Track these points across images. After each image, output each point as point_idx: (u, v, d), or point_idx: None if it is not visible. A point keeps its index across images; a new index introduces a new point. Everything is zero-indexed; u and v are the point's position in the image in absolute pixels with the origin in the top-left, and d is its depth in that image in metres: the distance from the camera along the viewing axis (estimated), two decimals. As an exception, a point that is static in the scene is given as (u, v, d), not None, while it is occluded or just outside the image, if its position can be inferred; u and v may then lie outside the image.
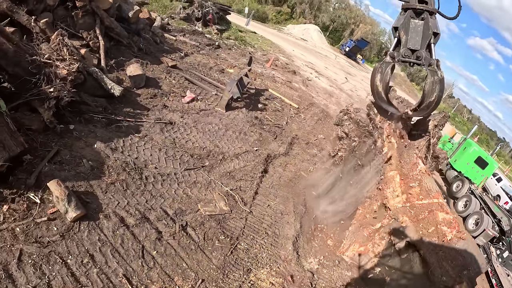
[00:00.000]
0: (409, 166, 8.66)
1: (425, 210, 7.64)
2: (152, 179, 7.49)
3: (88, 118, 8.36)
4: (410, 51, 5.84)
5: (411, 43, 5.75)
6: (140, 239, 6.05)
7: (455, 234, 7.07)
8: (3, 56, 6.94)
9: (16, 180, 5.93)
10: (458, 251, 6.91)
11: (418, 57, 5.77)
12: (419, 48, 5.82)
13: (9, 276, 4.62)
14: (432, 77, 5.80)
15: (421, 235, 7.27)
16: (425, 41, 5.68)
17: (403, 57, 5.92)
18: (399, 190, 8.30)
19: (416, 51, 5.83)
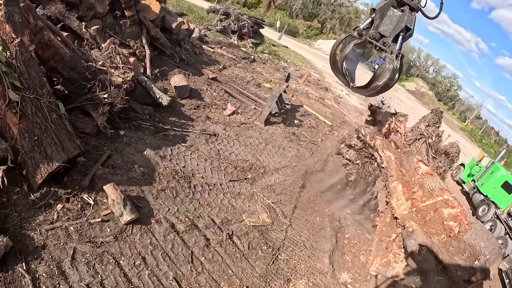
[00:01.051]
0: (411, 172, 8.75)
1: (430, 211, 7.74)
2: (200, 188, 7.62)
3: (137, 125, 8.57)
4: (379, 35, 5.76)
5: (383, 28, 5.65)
6: (190, 245, 6.15)
7: (462, 226, 7.09)
8: (59, 60, 7.14)
9: (71, 181, 6.07)
10: (466, 242, 6.95)
11: (385, 43, 5.67)
12: (388, 35, 5.74)
13: (62, 273, 4.70)
14: (388, 64, 5.70)
15: (430, 235, 7.35)
16: (395, 31, 5.59)
17: (370, 38, 5.83)
18: (403, 198, 8.42)
19: (384, 37, 5.74)
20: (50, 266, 4.71)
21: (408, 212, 8.02)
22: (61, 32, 8.11)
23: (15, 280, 4.35)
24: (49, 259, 4.79)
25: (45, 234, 5.07)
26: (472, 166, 21.87)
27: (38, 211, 5.33)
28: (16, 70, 5.50)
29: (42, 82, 6.09)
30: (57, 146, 5.83)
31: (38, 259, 4.72)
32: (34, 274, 4.52)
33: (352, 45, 6.44)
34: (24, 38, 5.75)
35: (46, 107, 5.89)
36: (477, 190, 19.52)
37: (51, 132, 5.83)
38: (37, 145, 5.62)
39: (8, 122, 5.49)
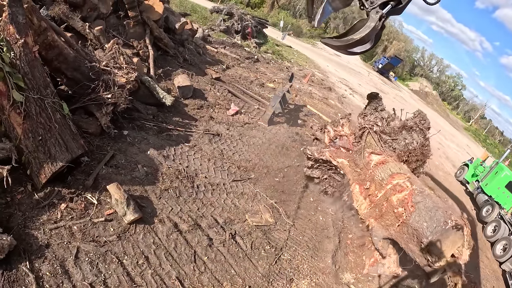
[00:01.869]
0: (364, 168, 8.66)
1: (383, 202, 7.58)
2: (203, 188, 7.64)
3: (140, 125, 8.60)
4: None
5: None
6: (193, 244, 6.17)
7: (407, 210, 6.99)
8: (63, 61, 7.19)
9: (75, 181, 6.11)
10: (412, 227, 6.75)
11: (372, 2, 5.31)
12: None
13: (65, 272, 4.72)
14: (369, 22, 5.27)
15: (387, 227, 7.25)
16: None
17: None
18: (361, 198, 8.27)
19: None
20: (53, 265, 4.74)
21: (368, 210, 7.92)
22: (65, 33, 8.14)
23: (19, 278, 4.38)
24: (53, 258, 4.81)
25: (49, 233, 5.10)
26: (476, 166, 21.79)
27: (42, 211, 5.36)
28: (20, 71, 5.54)
29: (46, 83, 6.12)
30: (61, 146, 5.85)
31: (42, 258, 4.74)
32: (38, 273, 4.54)
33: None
34: (28, 39, 5.78)
35: (50, 107, 5.92)
36: (481, 191, 19.43)
37: (55, 132, 5.85)
38: (41, 145, 5.64)
39: (13, 122, 5.54)
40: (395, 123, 9.42)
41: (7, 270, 4.38)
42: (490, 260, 13.16)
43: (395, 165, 8.37)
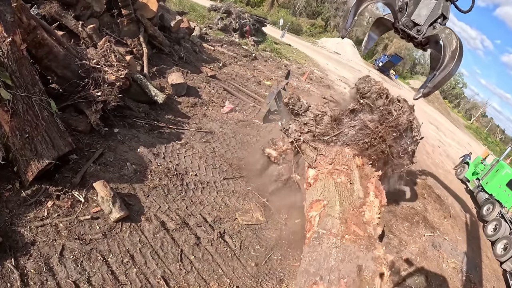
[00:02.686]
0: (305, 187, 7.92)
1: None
2: (193, 186, 7.59)
3: (132, 123, 8.59)
4: (412, 23, 5.58)
5: (417, 16, 5.47)
6: (179, 243, 6.13)
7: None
8: (53, 59, 7.18)
9: (62, 178, 6.10)
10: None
11: (419, 31, 5.49)
12: (422, 23, 5.54)
13: (50, 270, 4.73)
14: (443, 31, 5.41)
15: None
16: (431, 19, 5.39)
17: (403, 25, 5.64)
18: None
19: (418, 25, 5.56)
20: (38, 262, 4.74)
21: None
22: (55, 31, 8.12)
23: (4, 275, 4.39)
24: (38, 255, 4.82)
25: (35, 230, 5.10)
26: (476, 164, 21.62)
27: (28, 208, 5.37)
28: (7, 69, 5.53)
29: (34, 81, 6.11)
30: (48, 143, 5.85)
31: (27, 255, 4.76)
32: (23, 270, 4.56)
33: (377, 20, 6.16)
34: (16, 37, 5.76)
35: (38, 105, 5.91)
36: (481, 189, 19.26)
37: (42, 129, 5.84)
38: (27, 143, 5.64)
39: (0, 120, 5.52)
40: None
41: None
42: (491, 259, 13.06)
43: (321, 186, 7.28)
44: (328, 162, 7.77)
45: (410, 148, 8.61)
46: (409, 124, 7.94)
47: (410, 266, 8.90)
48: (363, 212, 6.63)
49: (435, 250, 10.39)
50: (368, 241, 5.95)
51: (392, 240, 9.47)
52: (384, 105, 7.62)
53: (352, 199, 6.82)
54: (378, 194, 7.24)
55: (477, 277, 10.75)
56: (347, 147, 7.97)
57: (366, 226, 6.31)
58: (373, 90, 7.57)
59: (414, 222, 11.28)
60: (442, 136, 36.28)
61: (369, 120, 7.75)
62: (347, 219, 6.28)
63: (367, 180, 7.51)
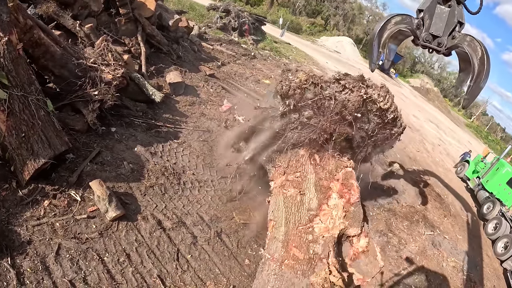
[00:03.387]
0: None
1: None
2: (190, 185, 7.60)
3: (129, 122, 8.59)
4: (432, 37, 5.60)
5: (434, 28, 5.48)
6: (176, 242, 6.15)
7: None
8: (50, 58, 7.22)
9: (59, 177, 6.14)
10: None
11: (440, 43, 5.51)
12: (441, 35, 5.55)
13: (46, 269, 4.77)
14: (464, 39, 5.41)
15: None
16: (449, 29, 5.41)
17: (424, 41, 5.66)
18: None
19: (438, 37, 5.57)
20: (34, 261, 4.78)
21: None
22: (52, 31, 8.10)
23: (0, 274, 4.42)
24: (34, 254, 4.86)
25: (32, 229, 5.14)
26: (477, 163, 21.53)
27: (25, 207, 5.40)
28: (4, 68, 5.55)
29: (31, 80, 6.13)
30: (44, 142, 5.87)
31: (24, 254, 4.80)
32: (19, 269, 4.59)
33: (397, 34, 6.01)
34: (12, 37, 5.77)
35: (34, 105, 5.93)
36: (482, 187, 19.19)
37: (38, 129, 5.87)
38: (24, 142, 5.66)
39: (-4, 120, 5.52)
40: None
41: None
42: (491, 258, 13.00)
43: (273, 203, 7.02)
44: (281, 173, 7.40)
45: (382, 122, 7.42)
46: (364, 98, 6.85)
47: (410, 265, 8.86)
48: (311, 228, 6.44)
49: (435, 249, 10.35)
50: (307, 264, 5.87)
51: (391, 239, 9.45)
52: (316, 95, 6.81)
53: (299, 215, 6.59)
54: (346, 192, 6.88)
55: (478, 276, 10.71)
56: (302, 149, 7.42)
57: (310, 245, 6.18)
58: (294, 85, 6.77)
59: (414, 220, 11.24)
60: (442, 134, 36.19)
61: (306, 117, 7.07)
62: (289, 241, 6.16)
63: (331, 179, 7.07)
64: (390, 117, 7.28)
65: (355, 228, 6.76)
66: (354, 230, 6.77)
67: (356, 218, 6.82)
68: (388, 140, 7.94)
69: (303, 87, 6.82)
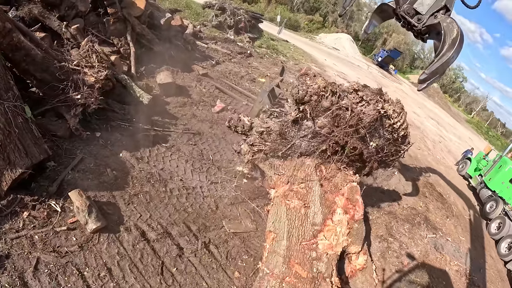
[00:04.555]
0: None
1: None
2: (177, 192, 7.25)
3: (115, 126, 8.30)
4: (414, 11, 5.36)
5: (419, 4, 5.28)
6: (161, 254, 5.84)
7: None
8: (31, 62, 7.03)
9: (38, 187, 5.93)
10: None
11: (419, 20, 5.29)
12: (424, 13, 5.32)
13: (24, 284, 4.60)
14: (445, 20, 5.24)
15: None
16: (433, 9, 5.19)
17: (404, 12, 5.42)
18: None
19: (419, 14, 5.34)
20: (12, 276, 4.64)
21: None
22: (33, 33, 7.83)
23: (-23, 290, 4.26)
24: (12, 269, 4.72)
25: (10, 243, 5.00)
26: (479, 160, 21.27)
27: (4, 219, 5.26)
28: (-23, 75, 5.34)
29: (8, 86, 5.99)
30: (21, 151, 5.69)
31: (1, 269, 4.64)
32: (-4, 285, 4.41)
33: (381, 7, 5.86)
34: (-14, 42, 5.55)
35: (11, 112, 5.75)
36: (484, 185, 18.89)
37: (15, 137, 5.68)
38: (0, 151, 5.44)
39: (-30, 129, 5.32)
40: (273, 133, 7.37)
41: None
42: (495, 259, 12.69)
43: (274, 213, 6.79)
44: (284, 182, 7.15)
45: (392, 138, 7.30)
46: (380, 113, 6.72)
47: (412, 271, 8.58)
48: (315, 244, 6.20)
49: (437, 252, 10.04)
50: (310, 284, 5.62)
51: (392, 244, 9.12)
52: (333, 104, 6.62)
53: (303, 230, 6.34)
54: (350, 208, 6.72)
55: (481, 279, 10.40)
56: (308, 158, 7.21)
57: (314, 263, 5.95)
58: (311, 91, 6.56)
59: (415, 223, 10.93)
60: (442, 130, 36.00)
61: (319, 126, 6.85)
62: (291, 257, 5.90)
63: (336, 193, 6.91)
64: (401, 134, 7.16)
65: (356, 246, 6.59)
66: (356, 247, 6.59)
67: (359, 235, 6.65)
68: (394, 157, 7.74)
69: (321, 94, 6.61)
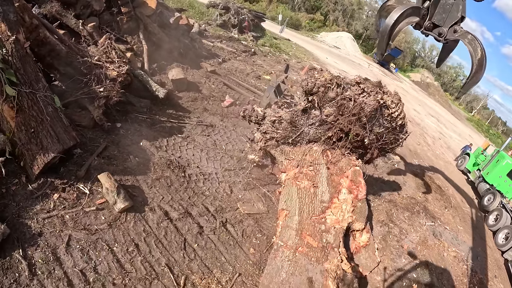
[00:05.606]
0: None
1: None
2: (195, 177, 7.77)
3: (134, 118, 8.77)
4: (432, 25, 5.79)
5: (437, 18, 5.69)
6: (183, 232, 6.30)
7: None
8: (56, 57, 7.41)
9: (67, 172, 6.30)
10: None
11: (440, 33, 5.72)
12: (443, 25, 5.74)
13: (57, 259, 4.90)
14: (465, 36, 5.71)
15: None
16: (451, 21, 5.61)
17: (425, 29, 5.86)
18: None
19: (438, 26, 5.76)
20: (45, 252, 4.91)
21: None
22: (57, 30, 8.27)
23: (12, 266, 4.55)
24: (45, 245, 4.99)
25: (42, 222, 5.28)
26: (477, 156, 21.64)
27: (35, 201, 5.55)
28: (12, 66, 5.71)
29: (38, 77, 6.29)
30: (53, 137, 6.03)
31: (35, 246, 4.93)
32: (30, 260, 4.72)
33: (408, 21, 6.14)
34: (20, 36, 5.94)
35: (42, 101, 6.09)
36: (482, 179, 19.25)
37: (47, 124, 6.03)
38: (33, 137, 5.83)
39: (6, 116, 5.71)
40: (284, 122, 8.02)
41: (0, 258, 4.56)
42: (492, 249, 13.10)
43: (285, 193, 7.35)
44: (294, 166, 7.75)
45: (390, 126, 7.86)
46: (380, 103, 7.31)
47: (411, 255, 9.02)
48: (324, 218, 6.74)
49: (436, 239, 10.45)
50: (321, 252, 6.13)
51: (392, 229, 9.58)
52: (338, 95, 7.26)
53: (312, 206, 6.89)
54: (354, 188, 7.25)
55: (479, 266, 10.81)
56: (315, 144, 7.84)
57: (323, 234, 6.47)
58: (319, 83, 7.22)
59: (415, 211, 11.37)
60: (443, 128, 36.34)
61: (326, 114, 7.45)
62: (303, 230, 6.41)
63: (341, 175, 7.44)
64: (399, 123, 7.72)
65: (360, 223, 7.07)
66: (359, 224, 7.07)
67: (362, 213, 7.16)
68: (393, 145, 8.31)
69: (327, 86, 7.22)
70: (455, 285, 8.88)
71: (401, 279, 7.97)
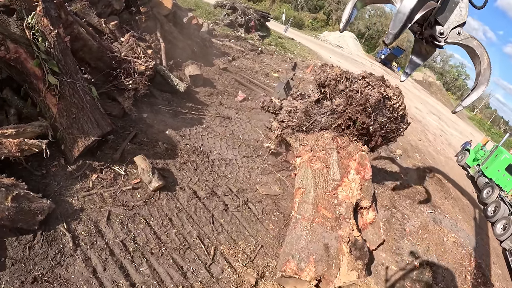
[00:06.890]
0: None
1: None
2: (217, 162, 8.50)
3: (157, 109, 9.46)
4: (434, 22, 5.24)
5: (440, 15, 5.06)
6: (210, 209, 6.99)
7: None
8: (87, 51, 8.05)
9: (103, 155, 6.94)
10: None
11: (441, 33, 5.13)
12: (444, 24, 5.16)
13: (99, 232, 5.48)
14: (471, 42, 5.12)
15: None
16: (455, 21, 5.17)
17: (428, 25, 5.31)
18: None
19: (440, 25, 5.15)
20: (88, 225, 5.49)
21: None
22: (87, 27, 8.91)
23: (56, 238, 5.11)
24: (87, 220, 5.57)
25: (82, 199, 5.87)
26: (477, 151, 22.11)
27: (75, 181, 6.13)
28: (54, 58, 6.34)
29: (76, 69, 6.92)
30: (93, 123, 6.67)
31: (77, 220, 5.50)
32: (74, 233, 5.29)
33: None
34: (60, 30, 6.58)
35: (81, 90, 6.71)
36: (481, 174, 19.73)
37: (87, 111, 6.67)
38: (75, 122, 6.45)
39: (48, 103, 6.34)
40: (299, 111, 8.96)
41: (45, 231, 5.12)
42: (490, 238, 13.64)
43: (301, 174, 8.13)
44: (308, 150, 8.61)
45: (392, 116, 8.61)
46: (383, 95, 8.04)
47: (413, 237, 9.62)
48: (336, 194, 7.53)
49: (436, 225, 11.02)
50: (335, 222, 6.90)
51: (395, 214, 10.22)
52: (347, 87, 8.11)
53: (326, 184, 7.66)
54: (361, 170, 8.05)
55: (477, 252, 11.32)
56: (326, 131, 8.72)
57: (336, 207, 7.25)
58: (330, 77, 8.12)
59: (416, 199, 11.98)
60: (444, 125, 36.75)
61: (336, 104, 8.29)
62: (318, 204, 7.17)
63: (349, 158, 8.24)
64: (400, 113, 8.50)
65: (367, 201, 7.82)
66: (366, 202, 7.81)
67: (369, 192, 7.93)
68: (395, 134, 9.05)
69: (337, 80, 8.12)
70: (455, 267, 9.43)
71: (404, 257, 8.59)
